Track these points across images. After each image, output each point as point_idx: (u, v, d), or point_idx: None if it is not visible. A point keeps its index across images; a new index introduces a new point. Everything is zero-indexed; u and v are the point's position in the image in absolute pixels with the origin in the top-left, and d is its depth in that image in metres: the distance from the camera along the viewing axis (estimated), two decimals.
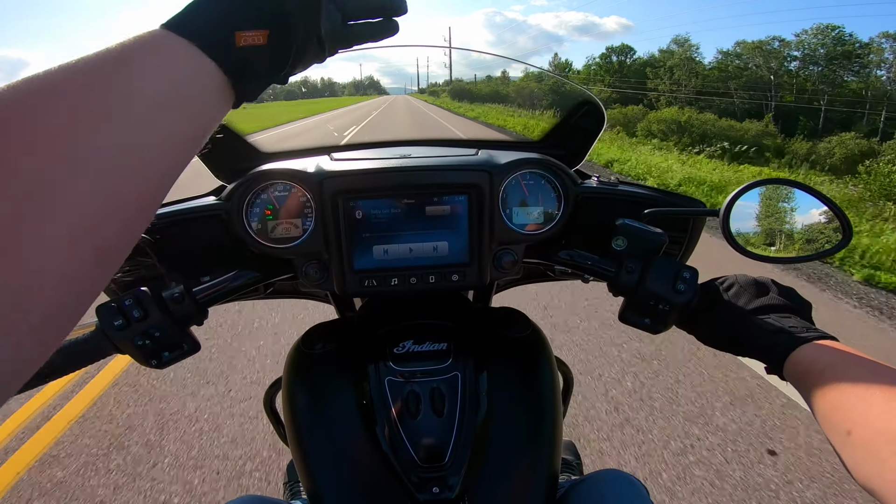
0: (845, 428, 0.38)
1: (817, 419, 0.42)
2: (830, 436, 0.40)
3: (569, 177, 0.66)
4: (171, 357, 0.55)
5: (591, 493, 0.58)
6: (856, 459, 0.36)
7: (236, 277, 0.62)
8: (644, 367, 2.31)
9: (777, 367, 0.48)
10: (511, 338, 0.67)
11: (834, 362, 0.43)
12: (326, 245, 0.62)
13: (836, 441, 0.39)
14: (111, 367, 2.32)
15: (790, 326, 0.49)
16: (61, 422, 1.97)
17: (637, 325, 0.60)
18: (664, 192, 0.71)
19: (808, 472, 1.68)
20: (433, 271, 0.62)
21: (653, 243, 0.60)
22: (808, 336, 0.47)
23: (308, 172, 0.61)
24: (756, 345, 0.50)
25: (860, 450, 0.36)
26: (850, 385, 0.40)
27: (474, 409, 0.56)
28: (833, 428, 0.39)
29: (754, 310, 0.52)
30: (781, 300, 0.53)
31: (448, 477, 0.53)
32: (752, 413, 1.99)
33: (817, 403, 0.42)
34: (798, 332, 0.48)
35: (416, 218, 0.61)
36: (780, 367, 0.47)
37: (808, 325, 0.50)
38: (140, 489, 1.63)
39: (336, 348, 0.65)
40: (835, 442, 0.39)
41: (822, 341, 0.46)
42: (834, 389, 0.40)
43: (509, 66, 56.27)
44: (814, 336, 0.47)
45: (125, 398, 2.13)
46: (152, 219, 0.28)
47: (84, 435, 1.90)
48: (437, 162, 0.62)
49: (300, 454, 0.58)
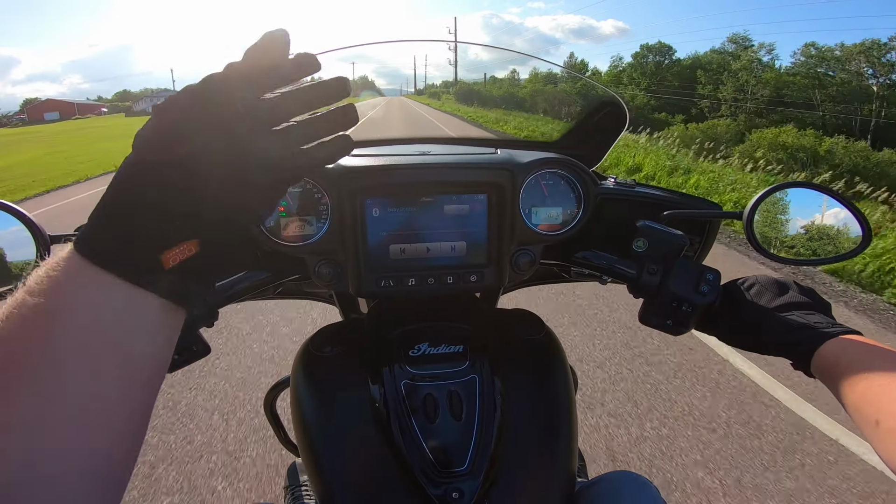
0: (874, 418, 0.39)
1: (847, 411, 0.43)
2: (861, 426, 0.41)
3: (589, 177, 0.65)
4: (180, 360, 0.54)
5: (604, 495, 0.57)
6: (886, 447, 0.38)
7: (246, 278, 0.60)
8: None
9: (804, 363, 0.48)
10: (526, 340, 0.66)
11: (860, 356, 0.44)
12: (342, 243, 0.60)
13: (867, 430, 0.40)
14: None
15: (815, 322, 0.49)
16: None
17: (658, 327, 0.59)
18: (681, 194, 0.71)
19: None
20: (451, 272, 0.61)
21: (674, 245, 0.60)
22: (833, 331, 0.47)
23: (325, 168, 0.59)
24: (782, 342, 0.50)
25: (890, 437, 0.38)
26: (877, 376, 0.41)
27: (492, 412, 0.55)
28: (863, 418, 0.41)
29: (777, 307, 0.52)
30: (803, 298, 0.53)
31: (467, 482, 0.51)
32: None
33: (846, 396, 0.43)
34: (823, 328, 0.48)
35: (435, 217, 0.60)
36: (807, 363, 0.48)
37: (832, 321, 0.50)
38: None
39: (346, 350, 0.63)
40: (865, 431, 0.41)
41: (847, 336, 0.46)
42: (861, 381, 0.42)
43: (521, 65, 56.06)
44: (839, 331, 0.47)
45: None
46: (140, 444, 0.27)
47: None
48: (458, 160, 0.61)
49: (311, 458, 0.56)
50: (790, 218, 0.60)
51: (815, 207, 0.60)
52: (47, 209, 6.79)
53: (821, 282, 3.75)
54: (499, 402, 0.56)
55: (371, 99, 3.63)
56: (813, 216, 0.60)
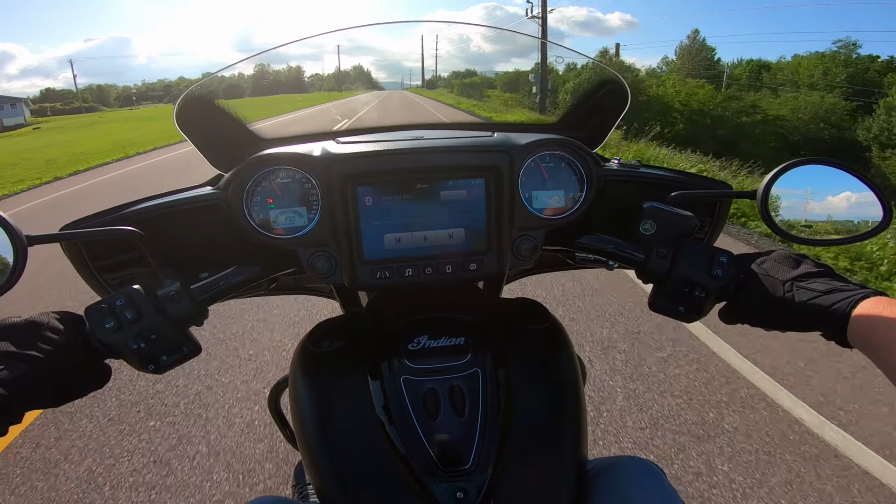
0: None
1: (891, 376, 0.41)
2: None
3: (592, 158, 0.62)
4: (169, 360, 0.51)
5: (613, 480, 0.56)
6: None
7: (237, 273, 0.57)
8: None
9: (839, 332, 0.45)
10: (530, 330, 0.63)
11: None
12: (334, 234, 0.57)
13: None
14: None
15: (841, 286, 0.47)
16: None
17: (669, 314, 0.57)
18: (687, 174, 0.68)
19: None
20: (450, 260, 0.58)
21: (684, 227, 0.57)
22: (863, 293, 0.45)
23: (313, 156, 0.56)
24: (811, 312, 0.47)
25: None
26: None
27: (496, 407, 0.53)
28: None
29: (796, 278, 0.50)
30: (820, 268, 0.51)
31: (472, 480, 0.50)
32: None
33: (890, 357, 0.40)
34: (852, 291, 0.46)
35: (431, 203, 0.57)
36: (842, 333, 0.45)
37: (860, 284, 0.48)
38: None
39: (345, 345, 0.61)
40: None
41: (876, 297, 0.44)
42: None
43: (524, 57, 54.31)
44: (869, 291, 0.45)
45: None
46: None
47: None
48: (454, 143, 0.58)
49: (310, 456, 0.55)
50: (806, 196, 0.57)
51: (832, 185, 0.57)
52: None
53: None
54: (503, 397, 0.54)
55: (363, 94, 3.47)
56: (830, 194, 0.57)
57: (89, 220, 0.56)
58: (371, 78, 16.70)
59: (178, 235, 0.60)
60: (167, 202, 0.59)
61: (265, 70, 42.45)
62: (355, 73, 13.18)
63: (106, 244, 0.59)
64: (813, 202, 0.57)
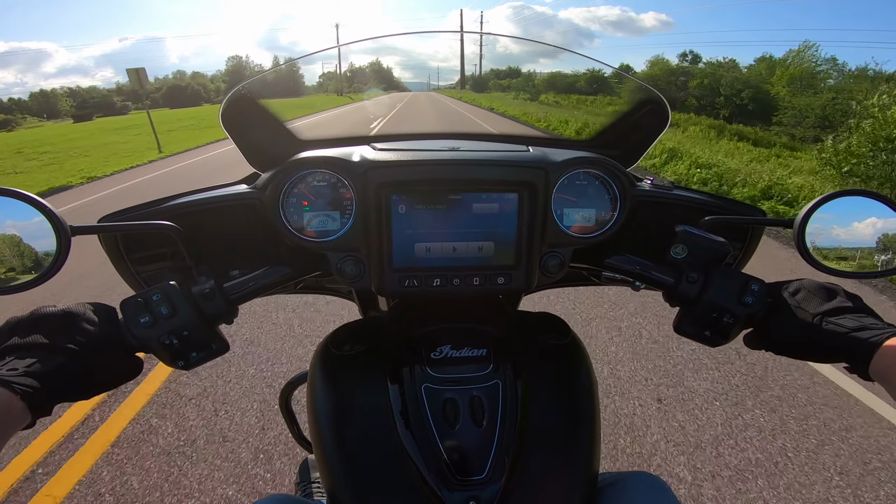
0: None
1: None
2: None
3: (626, 178, 0.62)
4: (199, 357, 0.52)
5: (622, 495, 0.56)
6: None
7: (268, 274, 0.58)
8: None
9: (862, 365, 0.47)
10: (551, 345, 0.63)
11: None
12: (366, 240, 0.58)
13: None
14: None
15: (871, 324, 0.48)
16: None
17: (694, 337, 0.57)
18: (721, 198, 0.67)
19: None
20: (478, 273, 0.58)
21: (716, 252, 0.57)
22: (890, 332, 0.46)
23: (352, 162, 0.57)
24: (836, 345, 0.49)
25: None
26: None
27: (514, 419, 0.53)
28: None
29: (828, 311, 0.50)
30: (852, 303, 0.51)
31: (485, 490, 0.50)
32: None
33: None
34: (880, 329, 0.47)
35: (462, 215, 0.57)
36: (865, 365, 0.46)
37: (887, 323, 0.49)
38: None
39: (366, 349, 0.62)
40: None
41: None
42: None
43: (552, 58, 52.84)
44: (895, 330, 0.46)
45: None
46: None
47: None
48: (490, 156, 0.58)
49: (324, 456, 0.55)
50: (844, 227, 0.56)
51: (871, 217, 0.56)
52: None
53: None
54: (521, 409, 0.54)
55: (381, 96, 2.90)
56: (870, 226, 0.56)
57: (127, 213, 0.57)
58: (392, 77, 15.84)
59: (210, 232, 0.61)
60: (204, 198, 0.60)
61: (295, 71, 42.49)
62: (372, 71, 12.30)
63: (142, 237, 0.60)
64: (851, 233, 0.56)
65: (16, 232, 0.45)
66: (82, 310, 0.47)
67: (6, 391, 0.40)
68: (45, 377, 0.42)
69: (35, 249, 0.46)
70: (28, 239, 0.45)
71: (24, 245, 0.45)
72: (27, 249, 0.46)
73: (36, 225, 0.45)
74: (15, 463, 1.73)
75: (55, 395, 0.44)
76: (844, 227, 0.56)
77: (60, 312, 0.46)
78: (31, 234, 0.45)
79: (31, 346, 0.43)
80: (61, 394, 0.44)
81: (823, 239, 0.57)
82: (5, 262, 0.46)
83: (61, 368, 0.44)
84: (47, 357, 0.43)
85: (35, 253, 0.46)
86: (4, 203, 0.44)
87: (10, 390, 0.40)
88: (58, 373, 0.43)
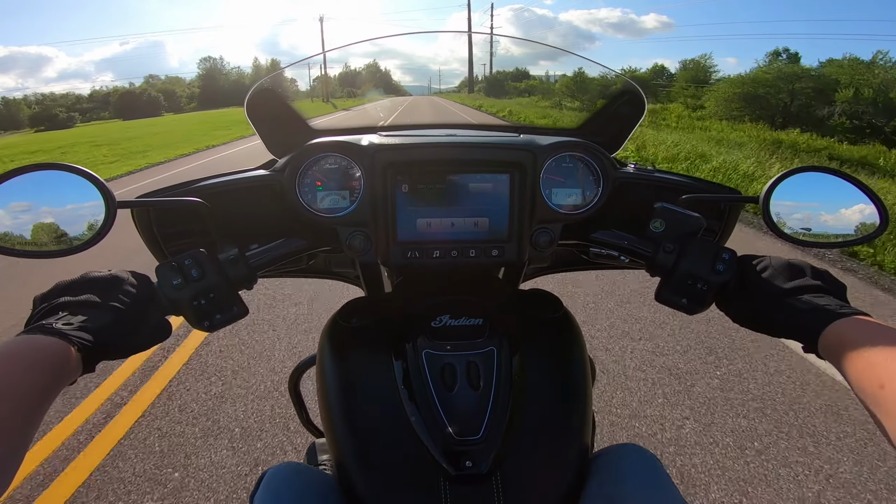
0: (878, 383, 0.40)
1: (850, 383, 0.44)
2: (863, 395, 0.42)
3: (609, 161, 0.67)
4: (222, 319, 0.56)
5: (609, 466, 0.58)
6: (888, 411, 0.38)
7: (284, 245, 0.64)
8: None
9: (812, 344, 0.49)
10: (544, 318, 0.68)
11: (868, 333, 0.44)
12: (373, 216, 0.64)
13: (869, 398, 0.41)
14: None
15: (824, 305, 0.50)
16: None
17: (673, 305, 0.60)
18: (700, 179, 0.73)
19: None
20: (474, 246, 0.64)
21: (690, 226, 0.61)
22: (842, 312, 0.48)
23: (361, 145, 0.63)
24: (790, 323, 0.51)
25: (892, 401, 0.38)
26: (883, 347, 0.41)
27: (509, 384, 0.57)
28: (866, 386, 0.41)
29: (789, 290, 0.53)
30: (815, 282, 0.53)
31: (481, 451, 0.52)
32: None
33: (849, 368, 0.43)
34: (831, 309, 0.49)
35: (460, 194, 0.64)
36: (815, 344, 0.48)
37: (842, 303, 0.51)
38: None
39: (372, 322, 0.66)
40: (867, 399, 0.41)
41: (856, 317, 0.47)
42: (867, 353, 0.42)
43: (552, 60, 51.67)
44: (848, 312, 0.48)
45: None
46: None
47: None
48: (483, 140, 0.65)
49: (331, 426, 0.58)
50: (806, 202, 0.61)
51: (831, 191, 0.61)
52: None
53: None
54: (515, 374, 0.57)
55: (381, 100, 2.71)
56: (829, 200, 0.61)
57: (162, 193, 0.64)
58: (390, 80, 15.28)
59: (233, 210, 0.67)
60: (231, 180, 0.66)
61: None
62: (368, 73, 11.62)
63: (171, 214, 0.66)
64: (813, 207, 0.61)
65: (71, 203, 0.51)
66: (125, 274, 0.52)
67: (64, 343, 0.42)
68: (97, 332, 0.45)
69: (87, 220, 0.52)
70: (81, 209, 0.51)
71: (77, 215, 0.52)
72: (80, 220, 0.52)
73: (87, 196, 0.51)
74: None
75: (103, 351, 0.46)
76: (808, 202, 0.62)
77: (108, 276, 0.51)
78: (84, 205, 0.51)
79: (82, 304, 0.47)
80: (106, 351, 0.46)
81: (789, 213, 0.62)
82: (58, 229, 0.52)
83: (109, 326, 0.46)
84: (98, 314, 0.47)
85: (87, 223, 0.52)
86: (59, 176, 0.51)
87: (69, 342, 0.42)
88: (106, 329, 0.46)
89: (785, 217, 0.61)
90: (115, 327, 0.48)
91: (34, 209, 0.51)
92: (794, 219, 0.62)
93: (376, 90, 4.58)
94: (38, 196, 0.51)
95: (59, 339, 0.42)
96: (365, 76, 10.81)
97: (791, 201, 0.61)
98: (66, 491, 1.62)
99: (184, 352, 2.45)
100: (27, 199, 0.51)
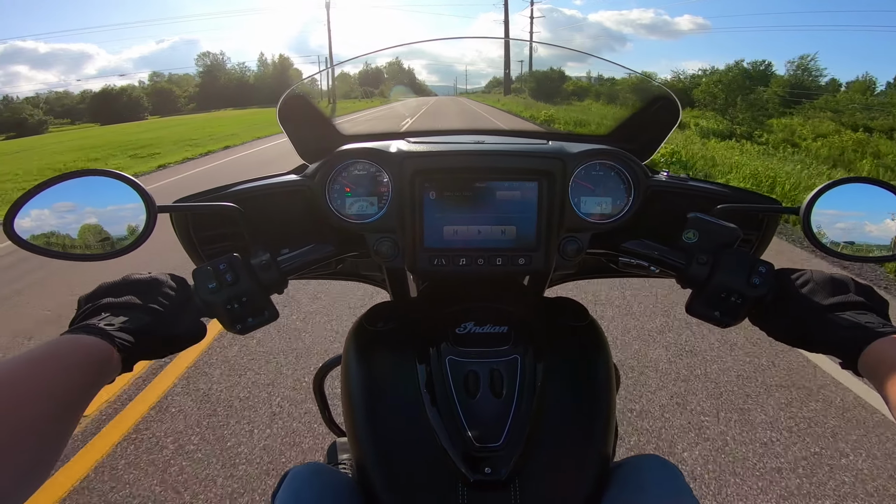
0: None
1: (888, 404, 0.42)
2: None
3: (640, 169, 0.66)
4: (254, 322, 0.57)
5: (630, 476, 0.57)
6: None
7: (314, 251, 0.65)
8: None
9: (851, 362, 0.48)
10: (569, 327, 0.67)
11: None
12: (401, 222, 0.64)
13: None
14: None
15: (866, 322, 0.48)
16: None
17: (705, 318, 0.59)
18: (736, 188, 0.71)
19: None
20: (500, 254, 0.64)
21: (725, 237, 0.59)
22: (883, 331, 0.47)
23: (390, 152, 0.64)
24: (829, 340, 0.50)
25: None
26: None
27: (532, 393, 0.56)
28: None
29: (829, 306, 0.51)
30: (857, 298, 0.52)
31: (501, 458, 0.52)
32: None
33: (890, 388, 0.42)
34: (873, 327, 0.47)
35: (487, 201, 0.63)
36: (854, 362, 0.47)
37: (884, 321, 0.49)
38: None
39: (398, 326, 0.67)
40: None
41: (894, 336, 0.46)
42: None
43: (580, 61, 50.33)
44: (890, 331, 0.46)
45: None
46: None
47: None
48: (512, 148, 0.64)
49: (354, 427, 0.59)
50: (849, 213, 0.59)
51: (878, 203, 0.58)
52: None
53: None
54: (538, 383, 0.57)
55: (407, 98, 2.71)
56: (875, 212, 0.58)
57: (198, 197, 0.65)
58: (414, 79, 14.85)
59: (266, 215, 0.68)
60: (263, 185, 0.68)
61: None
62: (390, 72, 10.73)
63: (207, 218, 0.68)
64: (856, 219, 0.59)
65: (114, 207, 0.54)
66: (164, 277, 0.54)
67: (106, 343, 0.43)
68: (137, 333, 0.46)
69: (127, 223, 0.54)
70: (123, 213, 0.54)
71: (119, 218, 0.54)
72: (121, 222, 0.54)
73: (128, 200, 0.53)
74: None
75: (142, 351, 0.47)
76: (851, 214, 0.59)
77: (149, 278, 0.53)
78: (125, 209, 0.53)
79: (124, 305, 0.49)
80: (145, 351, 0.48)
81: (831, 225, 0.59)
82: (103, 231, 0.54)
83: (148, 326, 0.48)
84: (138, 315, 0.48)
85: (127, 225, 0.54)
86: (103, 183, 0.53)
87: (110, 342, 0.43)
88: (146, 330, 0.47)
89: (826, 229, 0.59)
90: (154, 328, 0.49)
91: (78, 209, 0.53)
92: (836, 230, 0.59)
93: (403, 87, 4.44)
94: (83, 199, 0.53)
95: (102, 339, 0.43)
96: (386, 73, 10.26)
97: (833, 213, 0.59)
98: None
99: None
100: (72, 201, 0.53)
